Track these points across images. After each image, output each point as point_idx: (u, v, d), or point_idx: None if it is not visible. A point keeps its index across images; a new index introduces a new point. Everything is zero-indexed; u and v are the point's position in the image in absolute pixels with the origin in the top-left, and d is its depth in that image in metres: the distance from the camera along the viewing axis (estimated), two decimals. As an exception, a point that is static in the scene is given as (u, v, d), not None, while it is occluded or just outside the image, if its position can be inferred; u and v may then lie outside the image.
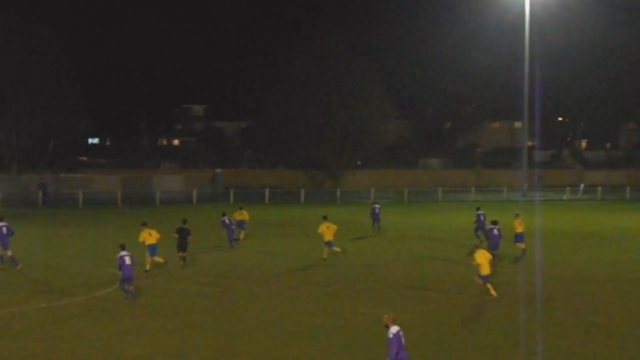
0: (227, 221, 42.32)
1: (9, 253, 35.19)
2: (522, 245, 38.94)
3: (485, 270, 28.95)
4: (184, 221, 36.98)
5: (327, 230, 37.60)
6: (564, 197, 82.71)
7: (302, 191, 79.26)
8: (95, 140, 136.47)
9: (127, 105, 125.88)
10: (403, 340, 17.66)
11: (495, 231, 36.56)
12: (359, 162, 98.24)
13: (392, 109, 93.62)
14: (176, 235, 36.24)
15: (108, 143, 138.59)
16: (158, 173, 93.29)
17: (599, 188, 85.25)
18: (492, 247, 36.12)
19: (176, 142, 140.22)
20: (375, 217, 49.78)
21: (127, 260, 28.25)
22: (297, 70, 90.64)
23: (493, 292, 29.09)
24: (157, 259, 34.28)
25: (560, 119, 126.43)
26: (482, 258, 29.04)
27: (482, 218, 43.42)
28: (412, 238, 47.87)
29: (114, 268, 30.54)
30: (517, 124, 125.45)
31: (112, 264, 32.58)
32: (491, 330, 24.60)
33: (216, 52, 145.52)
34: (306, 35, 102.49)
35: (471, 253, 30.19)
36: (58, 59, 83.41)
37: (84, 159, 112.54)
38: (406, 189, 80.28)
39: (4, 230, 35.22)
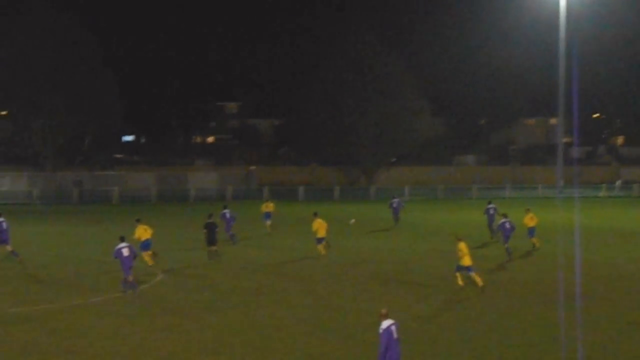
0: (227, 215, 42.62)
1: (9, 248, 35.33)
2: (533, 240, 39.69)
3: (467, 261, 29.54)
4: (210, 215, 37.62)
5: (321, 227, 38.13)
6: (600, 194, 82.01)
7: (336, 188, 79.10)
8: (130, 138, 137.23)
9: (162, 103, 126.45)
10: (395, 335, 17.66)
11: (507, 224, 37.40)
12: (393, 159, 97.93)
13: (426, 105, 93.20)
14: (205, 231, 36.65)
15: (143, 140, 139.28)
16: (192, 170, 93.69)
17: (635, 185, 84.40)
18: (504, 240, 37.24)
19: (210, 139, 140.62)
20: (394, 210, 50.73)
21: (125, 252, 28.50)
22: (331, 66, 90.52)
23: (460, 282, 29.73)
24: (149, 253, 34.57)
25: (596, 115, 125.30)
26: (466, 249, 29.73)
27: (491, 212, 43.67)
28: (446, 235, 47.57)
29: (142, 263, 30.65)
30: (553, 121, 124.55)
31: (142, 260, 33.03)
32: (527, 328, 24.36)
33: (250, 50, 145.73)
34: (339, 31, 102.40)
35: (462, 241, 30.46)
36: (93, 57, 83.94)
37: (119, 156, 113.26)
38: (440, 186, 79.90)
39: (4, 225, 35.37)
